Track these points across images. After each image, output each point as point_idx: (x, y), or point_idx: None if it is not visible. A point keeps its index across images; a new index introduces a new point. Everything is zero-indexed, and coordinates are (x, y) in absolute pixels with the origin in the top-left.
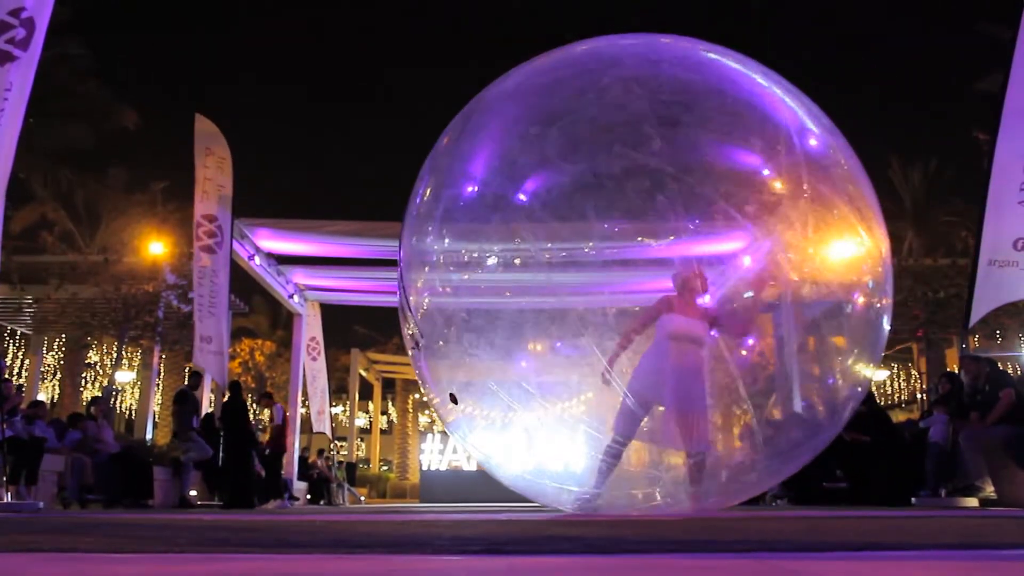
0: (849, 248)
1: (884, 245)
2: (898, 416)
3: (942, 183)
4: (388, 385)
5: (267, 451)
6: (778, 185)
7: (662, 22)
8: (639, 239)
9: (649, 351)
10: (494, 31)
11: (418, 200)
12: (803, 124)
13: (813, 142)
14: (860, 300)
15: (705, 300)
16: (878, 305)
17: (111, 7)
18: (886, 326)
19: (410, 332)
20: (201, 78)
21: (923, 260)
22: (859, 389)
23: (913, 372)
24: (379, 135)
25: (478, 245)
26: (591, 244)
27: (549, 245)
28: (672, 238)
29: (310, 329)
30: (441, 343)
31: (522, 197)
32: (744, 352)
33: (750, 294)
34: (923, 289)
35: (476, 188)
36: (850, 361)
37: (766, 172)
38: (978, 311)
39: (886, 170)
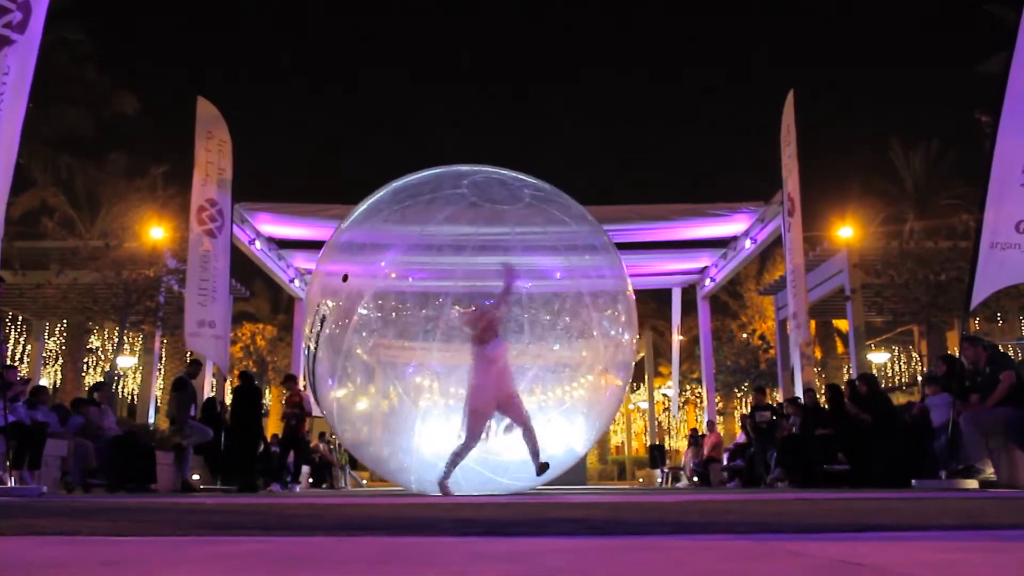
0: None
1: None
2: (899, 399)
3: (944, 165)
4: None
5: (295, 432)
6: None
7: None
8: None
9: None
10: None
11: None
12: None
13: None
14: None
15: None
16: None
17: None
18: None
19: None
20: (200, 62)
21: (924, 243)
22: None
23: (914, 355)
24: (380, 118)
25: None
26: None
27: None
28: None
29: None
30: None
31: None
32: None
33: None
34: (924, 272)
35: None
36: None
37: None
38: (979, 294)
39: (887, 152)
